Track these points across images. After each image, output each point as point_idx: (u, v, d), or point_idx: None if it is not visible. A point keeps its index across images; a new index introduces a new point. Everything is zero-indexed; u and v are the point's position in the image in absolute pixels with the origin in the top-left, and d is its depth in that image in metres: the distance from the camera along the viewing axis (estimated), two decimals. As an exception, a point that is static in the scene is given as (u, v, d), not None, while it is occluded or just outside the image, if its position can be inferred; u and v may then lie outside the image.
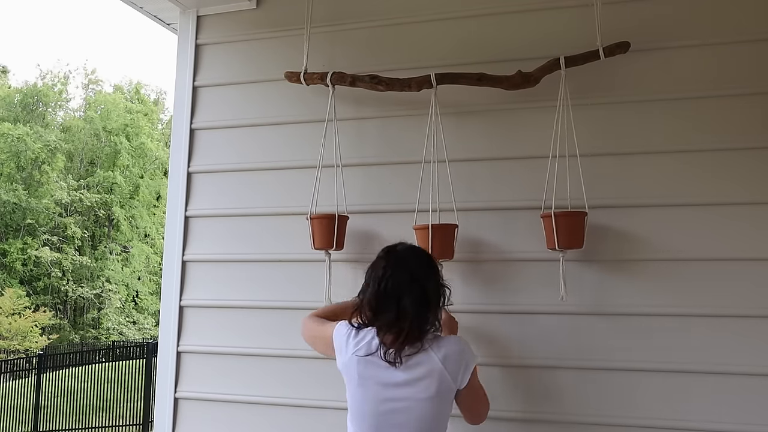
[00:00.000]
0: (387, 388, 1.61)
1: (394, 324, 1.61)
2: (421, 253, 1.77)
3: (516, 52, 2.19)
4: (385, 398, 1.61)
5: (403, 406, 1.60)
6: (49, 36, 49.27)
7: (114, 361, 14.04)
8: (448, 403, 1.65)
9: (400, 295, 1.62)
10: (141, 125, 28.87)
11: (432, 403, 1.59)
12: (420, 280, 1.65)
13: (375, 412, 1.62)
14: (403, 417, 1.60)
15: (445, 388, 1.61)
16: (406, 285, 1.63)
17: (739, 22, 2.03)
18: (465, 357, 1.64)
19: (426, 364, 1.60)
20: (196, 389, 2.40)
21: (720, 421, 1.91)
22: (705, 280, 1.97)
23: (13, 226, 24.83)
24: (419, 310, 1.61)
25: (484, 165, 2.19)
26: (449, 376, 1.60)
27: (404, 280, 1.64)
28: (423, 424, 1.60)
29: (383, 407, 1.61)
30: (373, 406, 1.63)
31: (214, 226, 2.47)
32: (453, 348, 1.63)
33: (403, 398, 1.60)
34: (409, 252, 1.73)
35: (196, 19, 2.59)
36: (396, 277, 1.64)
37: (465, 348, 1.66)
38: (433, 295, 1.66)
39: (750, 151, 1.98)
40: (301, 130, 2.39)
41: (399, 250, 1.72)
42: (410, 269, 1.66)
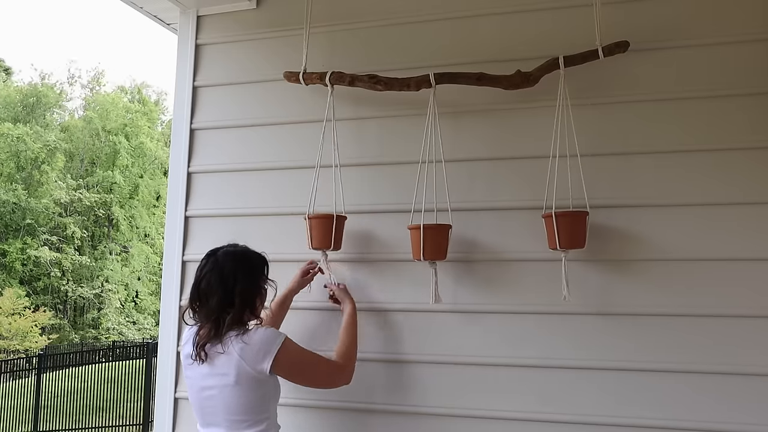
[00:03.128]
0: (200, 379, 1.83)
1: (204, 322, 1.84)
2: (241, 257, 1.91)
3: (515, 51, 2.19)
4: (199, 387, 1.83)
5: (213, 394, 1.80)
6: (49, 36, 49.27)
7: (114, 361, 14.06)
8: (255, 389, 1.80)
9: (208, 295, 1.82)
10: (140, 125, 28.85)
11: (234, 390, 1.78)
12: (229, 283, 1.82)
13: (196, 399, 1.86)
14: (214, 402, 1.81)
15: (247, 377, 1.77)
16: (215, 286, 1.82)
17: (739, 21, 2.03)
18: (264, 347, 1.79)
19: (224, 356, 1.77)
20: (196, 389, 2.40)
21: (720, 421, 1.91)
22: (707, 280, 1.97)
23: (13, 226, 24.81)
24: (220, 311, 1.80)
25: (483, 165, 2.20)
26: (247, 366, 1.77)
27: (215, 281, 1.83)
28: (232, 408, 1.79)
29: (201, 395, 1.84)
30: (195, 393, 1.86)
31: (214, 226, 2.47)
32: (253, 340, 1.79)
33: (211, 386, 1.80)
34: (228, 255, 1.89)
35: (196, 19, 2.59)
36: (208, 279, 1.84)
37: (265, 338, 1.81)
38: (242, 297, 1.82)
39: (751, 151, 1.98)
40: (300, 130, 2.40)
41: (219, 254, 1.89)
42: (222, 272, 1.84)
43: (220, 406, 1.80)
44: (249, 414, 1.80)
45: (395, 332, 2.20)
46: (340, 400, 2.20)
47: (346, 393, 2.14)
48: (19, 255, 24.07)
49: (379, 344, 2.19)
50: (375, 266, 2.25)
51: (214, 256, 1.88)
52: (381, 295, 2.22)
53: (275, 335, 1.84)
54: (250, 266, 1.90)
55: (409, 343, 2.18)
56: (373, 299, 2.23)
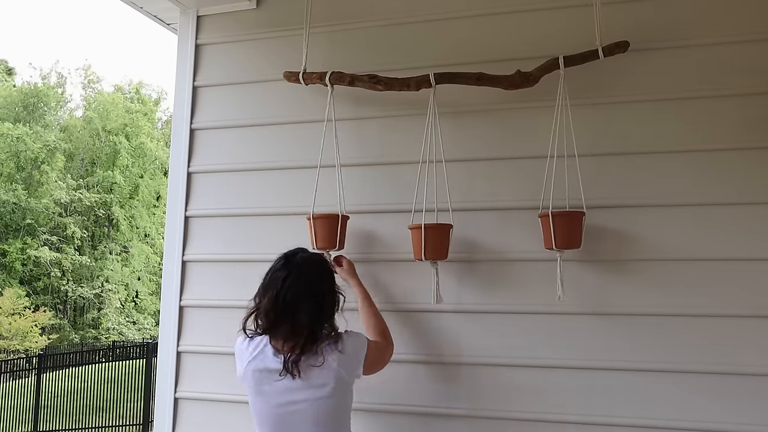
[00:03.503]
0: (284, 394, 1.72)
1: (290, 336, 1.72)
2: (318, 263, 1.86)
3: (515, 51, 2.20)
4: (282, 403, 1.72)
5: (300, 408, 1.71)
6: (49, 36, 49.28)
7: (114, 361, 14.06)
8: (347, 396, 1.78)
9: (296, 307, 1.72)
10: (140, 125, 28.85)
11: (329, 401, 1.72)
12: (316, 292, 1.75)
13: (274, 415, 1.74)
14: (300, 417, 1.71)
15: (342, 385, 1.74)
16: (303, 297, 1.73)
17: (739, 22, 2.03)
18: (358, 354, 1.78)
19: (322, 368, 1.71)
20: (196, 389, 2.40)
21: (720, 421, 1.91)
22: (702, 280, 1.97)
23: (13, 226, 24.81)
24: (314, 323, 1.72)
25: (482, 165, 2.20)
26: (345, 375, 1.74)
27: (301, 292, 1.73)
28: (320, 420, 1.72)
29: (281, 410, 1.73)
30: (272, 410, 1.74)
31: (214, 226, 2.47)
32: (348, 348, 1.75)
33: (300, 401, 1.71)
34: (307, 262, 1.82)
35: (196, 19, 2.59)
36: (293, 290, 1.73)
37: (357, 343, 1.79)
38: (329, 306, 1.77)
39: (750, 151, 1.98)
40: (300, 130, 2.40)
41: (297, 260, 1.80)
42: (307, 281, 1.76)
43: (305, 420, 1.71)
44: (337, 422, 1.76)
45: (396, 332, 2.19)
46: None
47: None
48: (19, 255, 24.06)
49: (379, 344, 2.19)
50: (376, 266, 2.25)
51: (293, 265, 1.79)
52: (382, 295, 2.22)
53: (362, 338, 1.83)
54: (329, 272, 1.86)
55: (410, 343, 2.18)
56: (374, 299, 2.22)
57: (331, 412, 1.73)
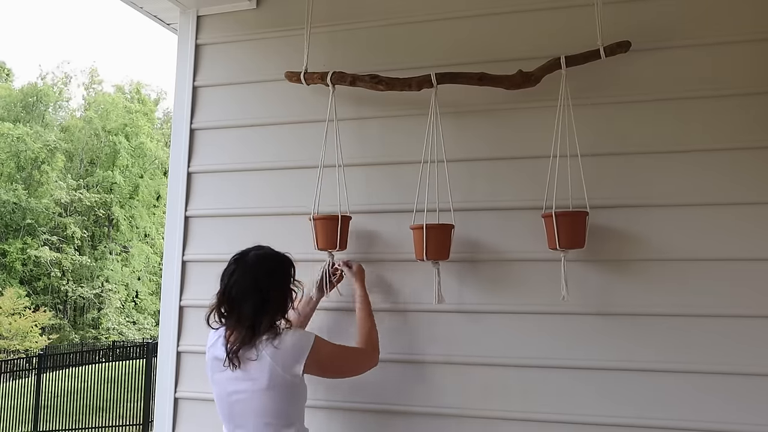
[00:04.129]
0: (229, 383, 1.80)
1: (234, 328, 1.79)
2: (270, 259, 1.87)
3: (516, 51, 2.19)
4: (229, 392, 1.81)
5: (243, 398, 1.78)
6: (49, 36, 49.30)
7: (114, 361, 14.06)
8: (286, 393, 1.80)
9: (241, 301, 1.78)
10: (140, 125, 28.85)
11: (266, 394, 1.76)
12: (261, 288, 1.79)
13: (225, 403, 1.83)
14: (243, 406, 1.79)
15: (279, 381, 1.76)
16: (248, 292, 1.79)
17: (739, 21, 2.03)
18: (297, 349, 1.79)
19: (258, 361, 1.76)
20: (196, 389, 2.40)
21: (723, 420, 1.90)
22: (706, 280, 1.96)
23: (13, 226, 24.81)
24: (255, 317, 1.77)
25: (484, 165, 2.19)
26: (280, 370, 1.76)
27: (247, 287, 1.79)
28: (263, 411, 1.77)
29: (230, 399, 1.81)
30: (223, 398, 1.83)
31: (214, 226, 2.47)
32: (285, 344, 1.77)
33: (242, 390, 1.78)
34: (258, 259, 1.85)
35: (196, 19, 2.59)
36: (240, 284, 1.80)
37: (297, 341, 1.80)
38: (274, 302, 1.80)
39: (751, 151, 1.98)
40: (301, 130, 2.39)
41: (248, 257, 1.85)
42: (254, 276, 1.81)
43: (250, 410, 1.78)
44: (280, 417, 1.79)
45: (398, 332, 2.19)
46: (341, 400, 2.20)
47: (348, 393, 2.14)
48: (19, 255, 24.07)
49: (381, 344, 2.18)
50: (378, 266, 2.25)
51: (243, 260, 1.84)
52: (384, 295, 2.22)
53: (306, 337, 1.84)
54: (280, 269, 1.87)
55: (412, 343, 2.18)
56: (376, 299, 2.22)
57: (271, 405, 1.77)
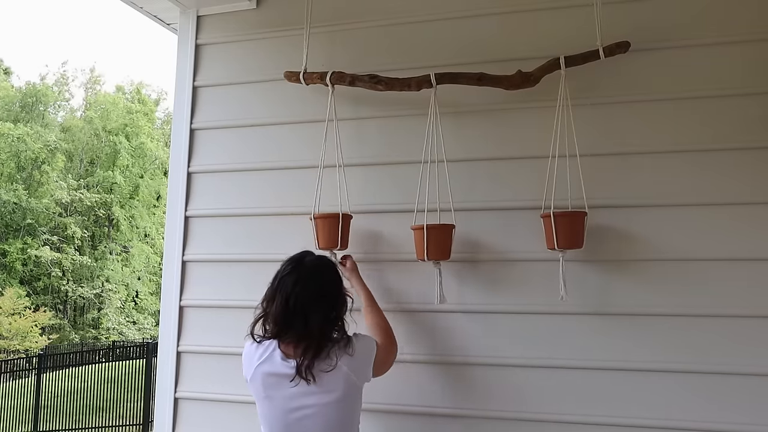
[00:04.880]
0: (293, 399, 1.67)
1: (300, 340, 1.68)
2: (327, 266, 1.82)
3: (516, 51, 2.19)
4: (292, 408, 1.68)
5: (310, 413, 1.67)
6: (48, 36, 49.30)
7: (114, 361, 14.06)
8: (356, 400, 1.76)
9: (306, 311, 1.68)
10: (141, 125, 28.85)
11: (339, 406, 1.69)
12: (326, 296, 1.72)
13: (283, 421, 1.69)
14: (310, 422, 1.67)
15: (352, 390, 1.72)
16: (313, 301, 1.69)
17: (739, 22, 2.03)
18: (367, 357, 1.76)
19: (332, 372, 1.67)
20: (196, 389, 2.40)
21: (722, 421, 1.91)
22: (705, 280, 1.97)
23: (13, 226, 24.81)
24: (325, 327, 1.69)
25: (483, 165, 2.19)
26: (355, 378, 1.72)
27: (312, 295, 1.69)
28: (331, 425, 1.69)
29: (291, 416, 1.68)
30: (281, 415, 1.69)
31: (214, 226, 2.47)
32: (357, 351, 1.72)
33: (309, 405, 1.67)
34: (316, 266, 1.78)
35: (196, 19, 2.59)
36: (303, 294, 1.69)
37: (366, 346, 1.77)
38: (339, 309, 1.74)
39: (750, 151, 1.98)
40: (300, 130, 2.39)
41: (306, 263, 1.76)
42: (317, 285, 1.72)
43: (317, 425, 1.68)
44: (346, 427, 1.73)
45: (400, 332, 2.18)
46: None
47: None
48: (19, 255, 24.07)
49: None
50: (379, 266, 2.25)
51: (303, 268, 1.75)
52: (385, 295, 2.22)
53: (371, 341, 1.81)
54: (338, 275, 1.82)
55: (413, 343, 2.17)
56: (377, 299, 2.21)
57: (340, 416, 1.70)
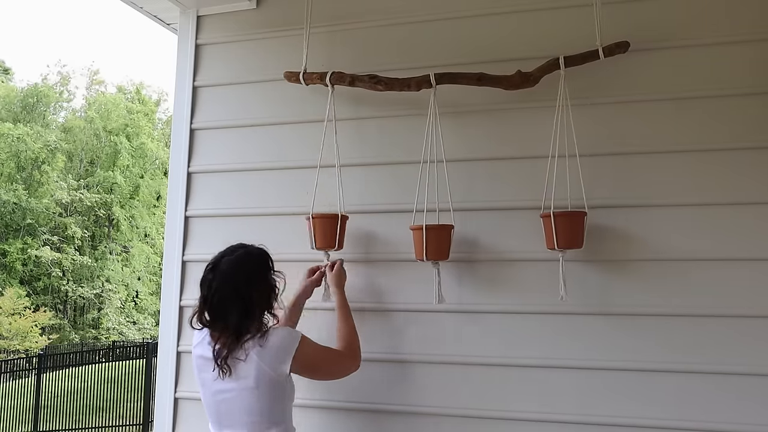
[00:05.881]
0: (216, 382, 1.81)
1: (221, 333, 1.79)
2: (246, 263, 1.85)
3: (515, 51, 2.19)
4: (215, 391, 1.82)
5: (230, 397, 1.80)
6: (48, 36, 49.30)
7: (114, 361, 14.06)
8: (273, 391, 1.81)
9: (224, 309, 1.78)
10: (141, 125, 28.85)
11: (253, 393, 1.78)
12: (242, 295, 1.78)
13: (212, 402, 1.85)
14: (231, 405, 1.80)
15: (266, 379, 1.78)
16: (230, 301, 1.78)
17: (739, 22, 2.03)
18: (283, 348, 1.80)
19: (245, 360, 1.77)
20: (196, 389, 2.36)
21: (720, 421, 1.91)
22: (705, 280, 1.97)
23: (13, 226, 24.80)
24: (241, 324, 1.77)
25: (483, 165, 2.20)
26: (267, 369, 1.77)
27: (229, 295, 1.78)
28: (251, 410, 1.79)
29: (217, 398, 1.83)
30: (210, 398, 1.85)
31: (214, 226, 2.47)
32: (270, 343, 1.79)
33: (228, 390, 1.79)
34: (233, 264, 1.83)
35: (196, 19, 2.59)
36: (221, 293, 1.79)
37: (283, 339, 1.82)
38: (256, 305, 1.80)
39: (750, 151, 1.98)
40: (300, 130, 2.40)
41: (221, 265, 1.83)
42: (233, 285, 1.79)
43: (237, 409, 1.79)
44: (267, 416, 1.80)
45: (399, 332, 2.20)
46: (343, 400, 2.20)
47: (350, 393, 2.15)
48: (19, 255, 24.06)
49: (382, 344, 2.19)
50: (378, 266, 2.25)
51: (217, 269, 1.82)
52: (384, 295, 2.22)
53: (292, 335, 1.85)
54: (257, 267, 1.86)
55: (413, 344, 2.18)
56: (376, 300, 2.23)
57: (258, 404, 1.78)
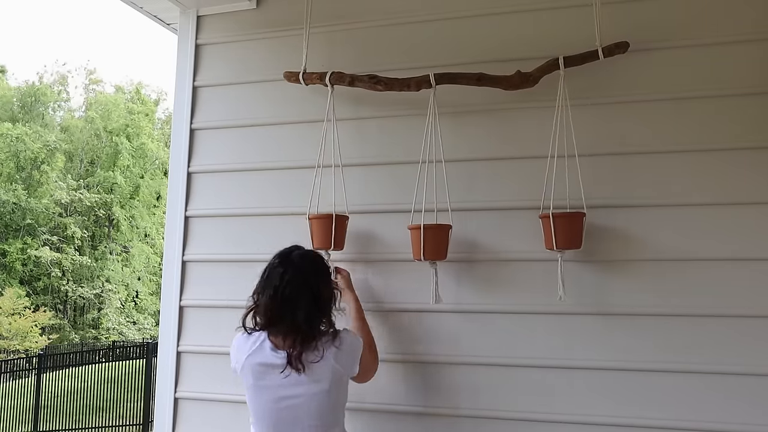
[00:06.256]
0: (283, 388, 1.74)
1: (289, 331, 1.75)
2: (314, 258, 1.88)
3: (515, 52, 2.20)
4: (281, 397, 1.75)
5: (299, 402, 1.74)
6: (49, 36, 49.29)
7: (114, 361, 14.05)
8: (343, 391, 1.83)
9: (296, 302, 1.75)
10: (141, 125, 28.85)
11: (326, 395, 1.76)
12: (313, 287, 1.78)
13: (272, 410, 1.77)
14: (297, 411, 1.74)
15: (338, 380, 1.78)
16: (302, 292, 1.76)
17: (739, 21, 2.03)
18: (354, 351, 1.83)
19: (320, 363, 1.74)
20: (196, 389, 2.41)
21: (719, 421, 1.91)
22: (705, 280, 1.97)
23: (13, 226, 24.80)
24: (312, 318, 1.75)
25: (483, 165, 2.20)
26: (342, 370, 1.79)
27: (299, 287, 1.76)
28: (317, 414, 1.75)
29: (280, 405, 1.75)
30: (271, 404, 1.77)
31: (214, 226, 2.47)
32: (345, 345, 1.79)
33: (298, 395, 1.74)
34: (304, 258, 1.85)
35: (196, 19, 2.59)
36: (291, 285, 1.76)
37: (353, 342, 1.85)
38: (326, 300, 1.81)
39: (750, 151, 1.98)
40: (300, 130, 2.40)
41: (294, 257, 1.83)
42: (304, 276, 1.79)
43: (303, 414, 1.75)
44: (331, 417, 1.80)
45: (396, 332, 2.20)
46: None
47: (351, 393, 2.15)
48: (19, 255, 24.06)
49: (380, 344, 2.18)
50: (376, 266, 2.25)
51: (290, 261, 1.81)
52: (382, 295, 2.23)
53: (358, 338, 1.89)
54: (325, 267, 1.90)
55: (411, 343, 2.18)
56: (374, 299, 2.23)
57: (327, 406, 1.77)
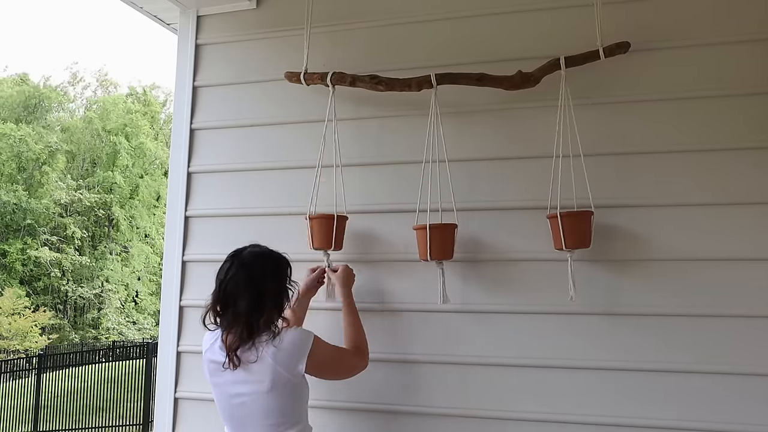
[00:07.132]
0: (231, 386, 1.78)
1: (230, 326, 1.77)
2: (266, 257, 1.86)
3: (516, 52, 2.19)
4: (231, 394, 1.78)
5: (246, 400, 1.76)
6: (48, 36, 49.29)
7: (114, 361, 14.06)
8: (290, 393, 1.79)
9: (236, 297, 1.75)
10: (140, 125, 28.85)
11: (270, 395, 1.74)
12: (257, 284, 1.76)
13: (228, 406, 1.80)
14: (247, 409, 1.76)
15: (282, 381, 1.75)
16: (244, 289, 1.76)
17: (739, 22, 2.03)
18: (297, 348, 1.78)
19: (258, 363, 1.74)
20: (196, 389, 2.40)
21: (721, 421, 1.91)
22: (711, 280, 1.96)
23: (13, 227, 24.81)
24: (251, 314, 1.74)
25: (485, 165, 2.19)
26: (282, 370, 1.74)
27: (242, 283, 1.76)
28: (268, 413, 1.75)
29: (233, 402, 1.79)
30: (225, 401, 1.81)
31: (214, 226, 2.47)
32: (285, 343, 1.76)
33: (245, 393, 1.76)
34: (255, 256, 1.83)
35: (196, 19, 2.59)
36: (235, 281, 1.77)
37: (297, 339, 1.79)
38: (269, 300, 1.77)
39: (752, 151, 1.98)
40: (301, 130, 2.39)
41: (244, 255, 1.83)
42: (250, 273, 1.78)
43: (254, 413, 1.76)
44: (284, 417, 1.78)
45: (404, 333, 2.19)
46: (344, 400, 2.20)
47: (351, 393, 2.14)
48: (19, 255, 24.06)
49: (388, 345, 2.18)
50: (382, 266, 2.25)
51: (239, 258, 1.82)
52: (387, 295, 2.22)
53: (306, 335, 1.83)
54: (277, 266, 1.86)
55: (418, 344, 2.17)
56: (381, 300, 2.22)
57: (274, 406, 1.76)
